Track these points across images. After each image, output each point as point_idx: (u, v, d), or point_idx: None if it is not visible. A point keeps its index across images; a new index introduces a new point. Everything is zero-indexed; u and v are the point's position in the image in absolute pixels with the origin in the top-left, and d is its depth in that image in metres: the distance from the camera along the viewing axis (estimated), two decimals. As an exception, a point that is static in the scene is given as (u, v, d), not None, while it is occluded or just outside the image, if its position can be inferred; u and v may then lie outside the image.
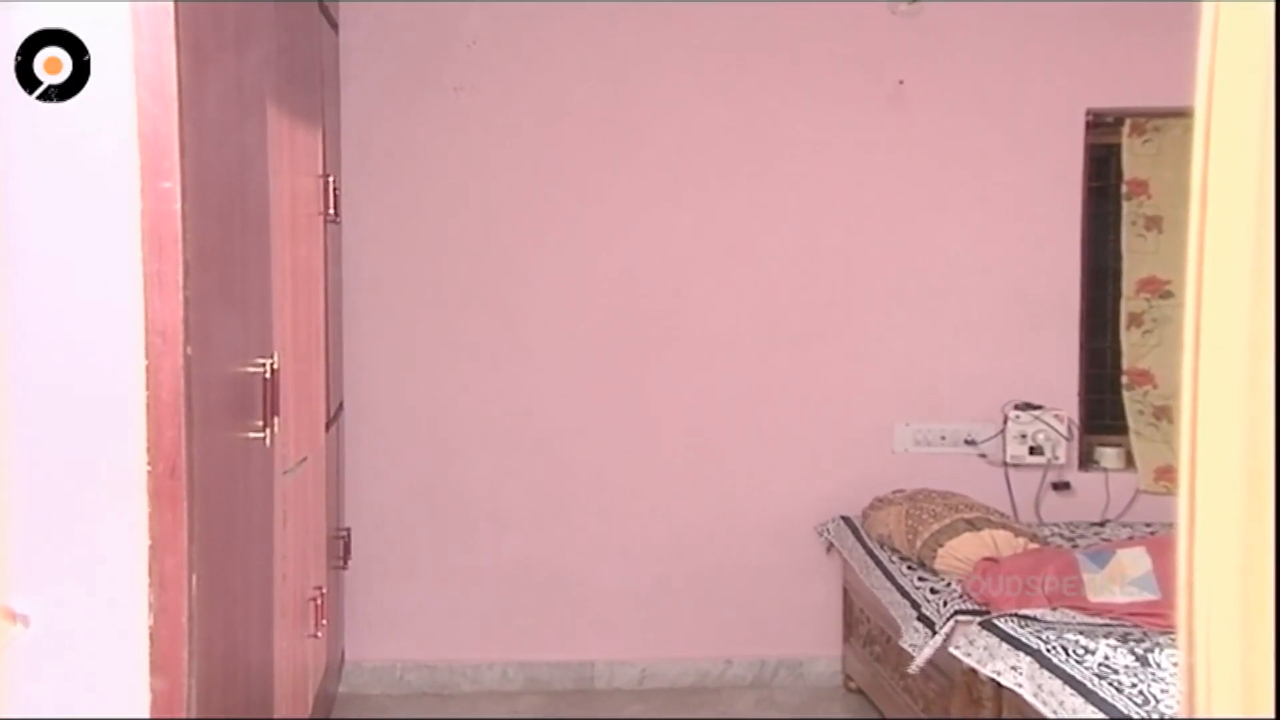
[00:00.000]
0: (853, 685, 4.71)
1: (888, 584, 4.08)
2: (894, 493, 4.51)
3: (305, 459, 3.47)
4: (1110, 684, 2.99)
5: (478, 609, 4.82)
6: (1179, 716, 1.01)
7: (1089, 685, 3.00)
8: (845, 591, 4.76)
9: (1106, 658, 3.11)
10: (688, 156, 4.78)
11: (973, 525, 4.00)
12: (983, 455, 4.87)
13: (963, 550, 3.93)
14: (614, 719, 4.58)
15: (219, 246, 2.30)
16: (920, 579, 3.95)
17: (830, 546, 4.74)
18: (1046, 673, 3.13)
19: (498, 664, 4.83)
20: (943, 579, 3.91)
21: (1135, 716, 2.87)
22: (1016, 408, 4.83)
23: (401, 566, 4.78)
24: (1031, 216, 4.86)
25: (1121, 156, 4.96)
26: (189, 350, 2.00)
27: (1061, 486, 4.88)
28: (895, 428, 4.85)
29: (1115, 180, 5.00)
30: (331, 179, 3.98)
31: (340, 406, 4.54)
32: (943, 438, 4.87)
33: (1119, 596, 3.59)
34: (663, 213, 4.76)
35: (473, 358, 4.78)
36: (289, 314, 3.19)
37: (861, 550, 4.41)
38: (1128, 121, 4.94)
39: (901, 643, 3.76)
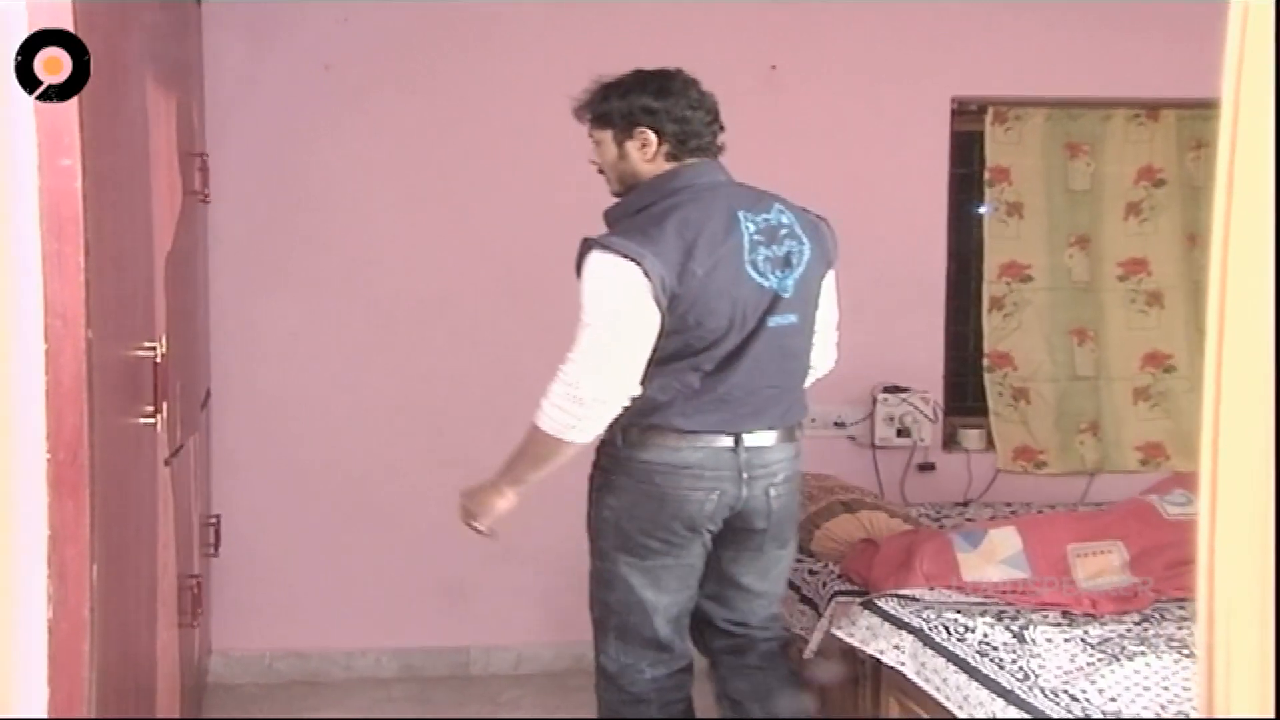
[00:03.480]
0: (726, 666, 4.74)
1: (765, 565, 4.11)
2: (768, 475, 4.54)
3: (182, 446, 3.38)
4: (991, 660, 3.06)
5: (350, 596, 4.75)
6: (1198, 717, 1.01)
7: (971, 662, 3.07)
8: (719, 573, 4.78)
9: (985, 635, 3.18)
10: (564, 134, 4.74)
11: (848, 507, 4.06)
12: (851, 437, 4.95)
13: (839, 532, 3.98)
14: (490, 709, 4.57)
15: (111, 226, 2.23)
16: (798, 561, 3.99)
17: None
18: (929, 651, 3.19)
19: (371, 651, 4.77)
20: (820, 560, 3.96)
21: (1015, 689, 2.95)
22: (885, 390, 4.91)
23: (271, 554, 4.69)
24: (899, 202, 4.95)
25: (984, 144, 5.07)
26: (90, 334, 1.93)
27: (926, 467, 4.99)
28: (767, 411, 4.88)
29: (978, 167, 5.11)
30: (205, 158, 3.87)
31: (208, 393, 4.43)
32: (812, 420, 4.91)
33: (992, 575, 3.68)
34: (543, 190, 4.72)
35: (344, 341, 4.71)
36: (167, 297, 3.11)
37: (737, 532, 4.44)
38: (990, 110, 5.04)
39: (790, 627, 3.79)
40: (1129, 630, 3.28)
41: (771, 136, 4.87)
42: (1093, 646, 3.12)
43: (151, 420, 2.51)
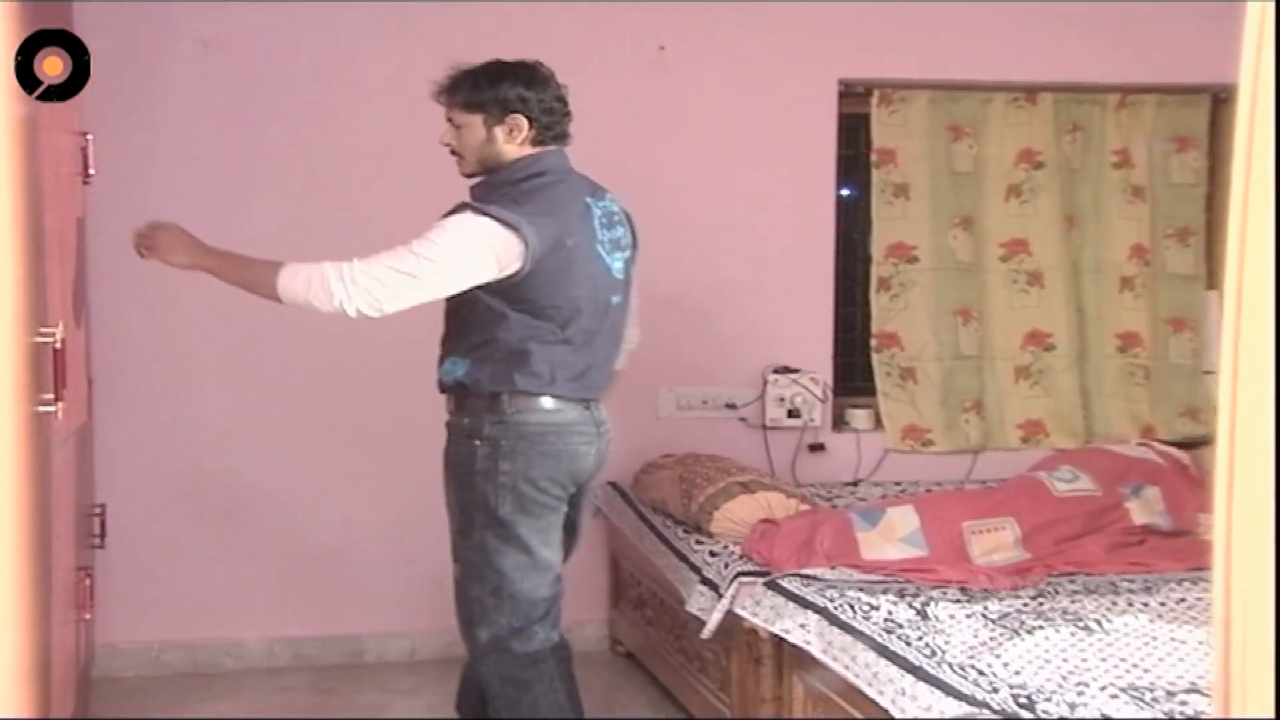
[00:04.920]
0: (621, 649, 4.76)
1: (663, 548, 4.13)
2: (663, 457, 4.56)
3: (72, 435, 3.28)
4: (899, 637, 3.09)
5: (240, 585, 4.67)
6: (1213, 716, 1.02)
7: (879, 640, 3.09)
8: (613, 557, 4.79)
9: (890, 613, 3.22)
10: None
11: (746, 488, 4.08)
12: (743, 419, 4.97)
13: (738, 513, 4.00)
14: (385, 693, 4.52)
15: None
16: (698, 542, 4.01)
17: (598, 512, 4.75)
18: (836, 629, 3.21)
19: (263, 640, 4.69)
20: (719, 541, 3.97)
21: (923, 665, 2.99)
22: (775, 371, 4.95)
23: (158, 544, 4.58)
24: (788, 183, 4.98)
25: (871, 126, 5.12)
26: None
27: (817, 448, 5.04)
28: (659, 392, 4.90)
29: (865, 149, 5.16)
30: (91, 137, 3.75)
31: (89, 381, 4.30)
32: (704, 402, 4.96)
33: (891, 553, 3.74)
34: (431, 172, 4.64)
35: (229, 328, 4.60)
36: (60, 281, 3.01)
37: (633, 515, 4.45)
38: (876, 92, 5.10)
39: (688, 608, 3.80)
40: (1025, 605, 3.35)
41: (660, 118, 4.88)
42: (993, 621, 3.18)
43: (52, 408, 2.43)
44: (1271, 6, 0.97)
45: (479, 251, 3.11)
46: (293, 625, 4.72)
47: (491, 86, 3.25)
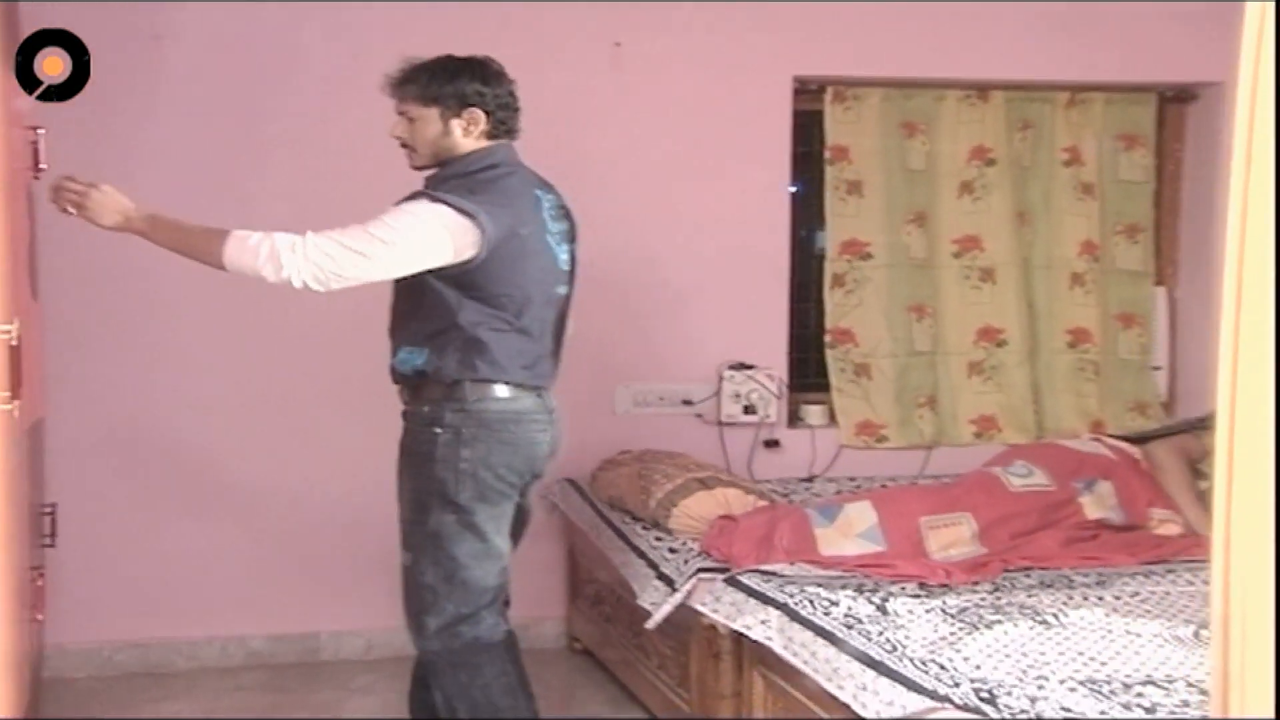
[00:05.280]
0: (578, 646, 4.76)
1: (622, 545, 4.12)
2: (621, 454, 4.57)
3: (26, 431, 3.24)
4: (859, 633, 3.10)
5: (192, 583, 4.62)
6: (1211, 716, 1.03)
7: (840, 635, 3.10)
8: (570, 553, 4.79)
9: (850, 609, 3.23)
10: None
11: (705, 484, 4.08)
12: (699, 415, 4.98)
13: (697, 509, 4.00)
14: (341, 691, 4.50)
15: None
16: (657, 539, 4.01)
17: (554, 509, 4.75)
18: (796, 625, 3.22)
19: (216, 639, 4.65)
20: (678, 538, 3.97)
21: (885, 661, 3.00)
22: (731, 368, 4.96)
23: (108, 542, 4.53)
24: (743, 180, 4.99)
25: (825, 123, 5.14)
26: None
27: (772, 444, 5.05)
28: (616, 389, 4.90)
29: (819, 146, 5.18)
30: (43, 132, 3.70)
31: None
32: (661, 399, 4.96)
33: (849, 549, 3.75)
34: (378, 163, 4.61)
35: (178, 323, 4.56)
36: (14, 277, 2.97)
37: (591, 512, 4.44)
38: (830, 90, 5.12)
39: (639, 601, 3.80)
40: (983, 599, 3.37)
41: (616, 114, 4.88)
42: (952, 616, 3.19)
43: (9, 405, 2.39)
44: (1271, 6, 0.98)
45: (434, 236, 3.15)
46: (247, 624, 4.69)
47: (450, 81, 3.30)
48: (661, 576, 3.79)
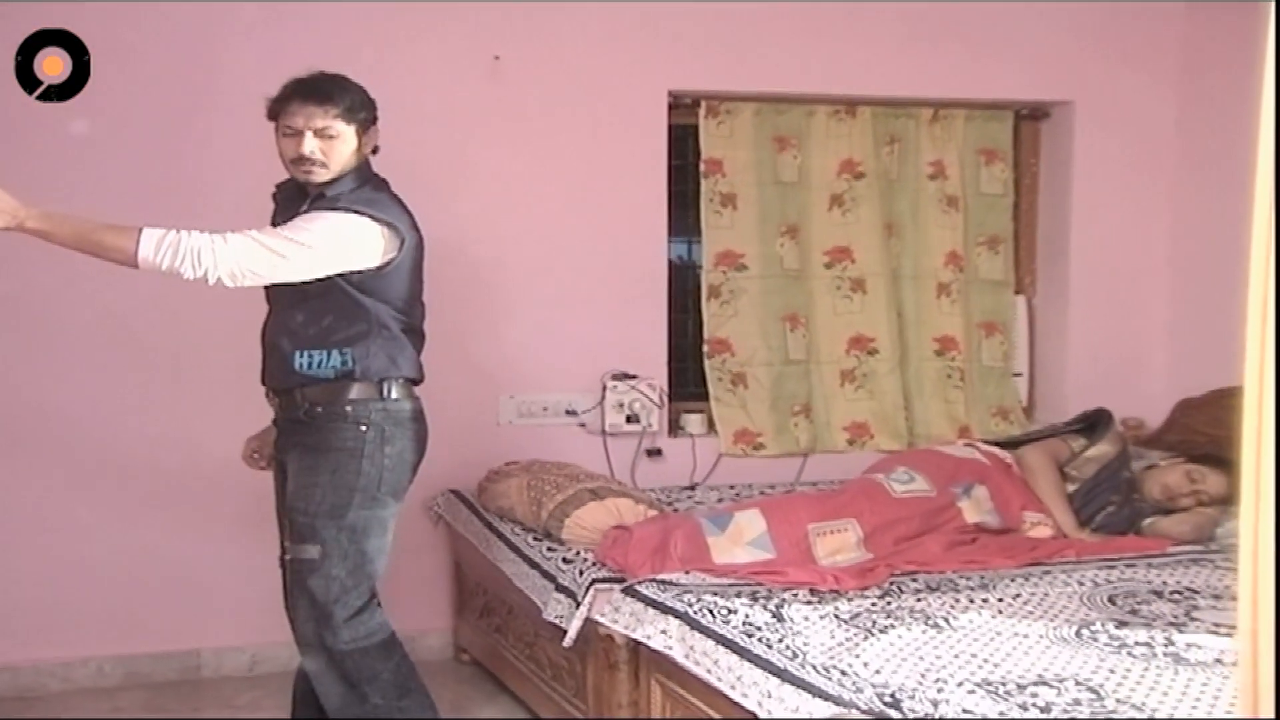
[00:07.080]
0: (466, 658, 4.76)
1: (513, 556, 4.14)
2: (508, 465, 4.59)
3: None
4: (760, 640, 3.17)
5: (64, 601, 4.53)
6: (1239, 716, 1.08)
7: (741, 643, 3.16)
8: (456, 565, 4.79)
9: (747, 616, 3.29)
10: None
11: (596, 494, 4.12)
12: (583, 425, 5.03)
13: (589, 519, 4.04)
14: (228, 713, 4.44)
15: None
16: (549, 549, 4.04)
17: (440, 520, 4.75)
18: (697, 634, 3.27)
19: (92, 659, 4.56)
20: (571, 548, 4.00)
21: (788, 668, 3.07)
22: (614, 378, 5.02)
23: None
24: (622, 193, 5.05)
25: (699, 136, 5.22)
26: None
27: (654, 453, 5.12)
28: (500, 400, 4.93)
29: (694, 159, 5.26)
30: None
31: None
32: (545, 409, 5.00)
33: (741, 557, 3.81)
34: (254, 179, 4.58)
35: (48, 338, 4.46)
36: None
37: (479, 523, 4.45)
38: (704, 103, 5.20)
39: (545, 615, 3.82)
40: (874, 605, 3.45)
41: (495, 127, 4.90)
42: (846, 622, 3.27)
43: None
44: (1271, 6, 1.03)
45: (350, 242, 3.30)
46: (123, 642, 4.60)
47: (365, 99, 3.44)
48: (561, 589, 3.82)
